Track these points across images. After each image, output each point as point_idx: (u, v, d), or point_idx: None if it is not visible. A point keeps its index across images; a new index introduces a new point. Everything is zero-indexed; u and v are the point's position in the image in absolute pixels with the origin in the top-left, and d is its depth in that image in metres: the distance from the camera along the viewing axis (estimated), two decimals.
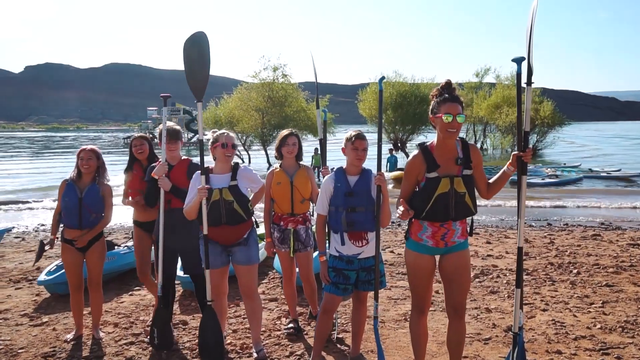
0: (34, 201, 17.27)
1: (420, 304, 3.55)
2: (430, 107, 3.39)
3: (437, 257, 3.51)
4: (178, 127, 4.74)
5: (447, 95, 3.31)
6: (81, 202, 4.54)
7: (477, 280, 6.67)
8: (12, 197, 18.89)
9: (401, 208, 3.24)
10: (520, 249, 3.41)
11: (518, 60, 3.32)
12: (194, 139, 58.89)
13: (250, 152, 33.77)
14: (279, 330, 4.97)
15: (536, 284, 6.47)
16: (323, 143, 5.14)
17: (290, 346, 4.60)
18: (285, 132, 4.73)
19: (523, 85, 3.32)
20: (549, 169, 24.18)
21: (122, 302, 5.93)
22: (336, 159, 3.97)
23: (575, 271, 7.01)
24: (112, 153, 42.90)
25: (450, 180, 3.31)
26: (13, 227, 11.74)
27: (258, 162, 31.35)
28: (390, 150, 25.13)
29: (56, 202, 4.76)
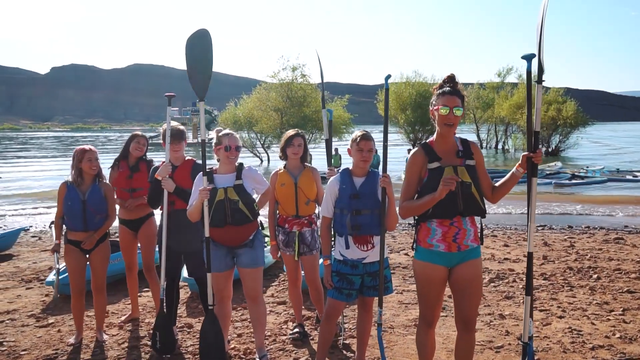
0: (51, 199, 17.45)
1: (429, 317, 3.37)
2: (431, 101, 3.27)
3: (449, 269, 3.31)
4: (182, 128, 4.66)
5: (447, 88, 3.19)
6: (85, 204, 4.47)
7: (492, 284, 6.48)
8: (32, 196, 19.14)
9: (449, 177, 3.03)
10: (530, 255, 3.24)
11: (528, 58, 3.17)
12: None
13: (269, 152, 33.77)
14: (285, 335, 4.86)
15: (553, 289, 6.25)
16: (329, 143, 5.02)
17: (294, 352, 4.49)
18: (291, 132, 4.62)
19: (534, 83, 3.16)
20: (573, 170, 23.59)
21: (129, 304, 5.87)
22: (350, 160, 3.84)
23: (595, 276, 6.77)
24: None
25: (454, 170, 3.16)
26: (30, 227, 11.85)
27: (278, 162, 31.27)
28: (409, 151, 24.76)
29: (56, 206, 4.66)
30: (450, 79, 3.24)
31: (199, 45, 4.12)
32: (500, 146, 44.12)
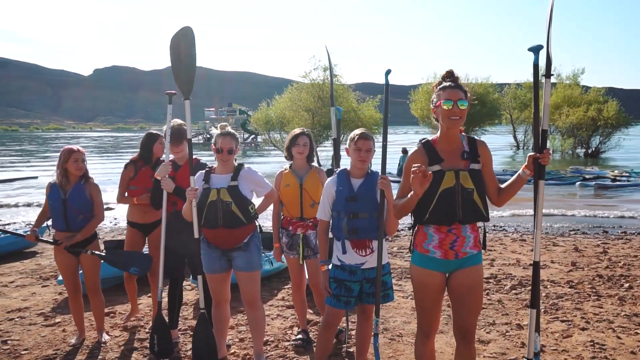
0: None
1: (426, 327, 3.15)
2: (431, 99, 3.05)
3: (447, 275, 3.11)
4: (183, 127, 4.54)
5: (448, 82, 2.98)
6: (65, 203, 4.39)
7: (513, 292, 6.17)
8: None
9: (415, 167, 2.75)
10: (536, 264, 2.99)
11: (535, 50, 2.93)
12: (249, 140, 59.78)
13: None
14: (289, 340, 4.70)
15: (579, 298, 5.90)
16: (337, 143, 4.84)
17: (295, 359, 4.32)
18: (296, 130, 4.47)
19: (542, 77, 2.92)
20: (615, 172, 22.53)
21: (138, 304, 5.81)
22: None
23: (626, 285, 6.38)
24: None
25: (456, 175, 2.93)
26: None
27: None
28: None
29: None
30: (450, 74, 3.03)
31: (183, 43, 4.03)
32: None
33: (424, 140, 3.09)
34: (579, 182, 19.44)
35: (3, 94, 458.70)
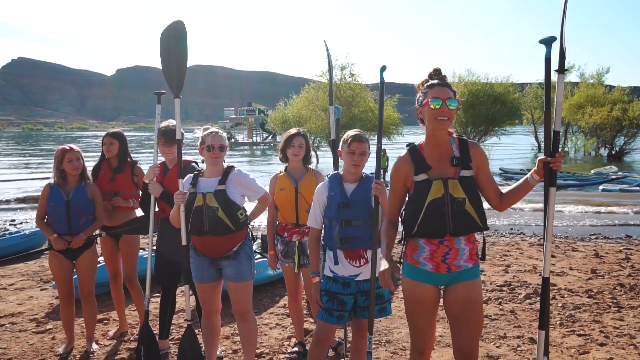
0: None
1: (420, 344, 2.86)
2: (416, 98, 2.76)
3: (441, 289, 2.84)
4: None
5: (435, 81, 2.69)
6: (68, 204, 4.21)
7: (527, 301, 5.83)
8: None
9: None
10: (545, 281, 2.69)
11: (547, 41, 2.63)
12: (269, 139, 59.73)
13: (318, 153, 33.42)
14: (284, 353, 4.45)
15: (598, 309, 5.54)
16: (335, 144, 4.56)
17: None
18: (291, 131, 4.21)
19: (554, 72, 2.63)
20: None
21: (134, 310, 5.61)
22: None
23: None
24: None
25: (444, 183, 2.65)
26: None
27: (326, 161, 30.81)
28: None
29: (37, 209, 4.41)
30: (437, 72, 2.76)
31: (173, 39, 3.81)
32: (559, 148, 41.93)
33: (409, 146, 2.81)
34: (620, 188, 18.53)
35: (29, 94, 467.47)
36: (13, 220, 13.25)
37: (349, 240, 3.22)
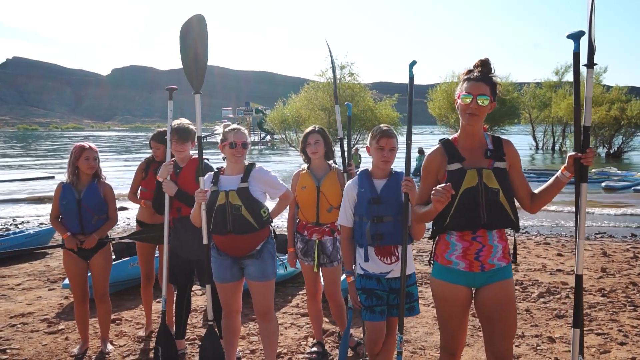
0: None
1: (451, 346, 2.82)
2: (456, 88, 2.73)
3: (473, 290, 2.78)
4: (190, 126, 4.25)
5: (475, 74, 2.65)
6: (80, 203, 4.15)
7: (541, 300, 5.81)
8: None
9: (440, 187, 2.47)
10: (579, 278, 2.66)
11: (575, 36, 2.59)
12: (267, 138, 59.67)
13: None
14: (303, 353, 4.41)
15: (613, 308, 5.52)
16: (344, 143, 4.52)
17: None
18: (308, 129, 4.17)
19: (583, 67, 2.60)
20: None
21: (139, 314, 5.57)
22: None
23: None
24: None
25: (478, 173, 2.61)
26: None
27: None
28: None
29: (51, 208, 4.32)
30: (483, 64, 2.68)
31: (195, 32, 3.74)
32: (557, 147, 42.11)
33: (443, 139, 2.78)
34: (634, 188, 18.31)
35: (24, 94, 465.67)
36: (14, 219, 13.18)
37: (380, 237, 3.17)
